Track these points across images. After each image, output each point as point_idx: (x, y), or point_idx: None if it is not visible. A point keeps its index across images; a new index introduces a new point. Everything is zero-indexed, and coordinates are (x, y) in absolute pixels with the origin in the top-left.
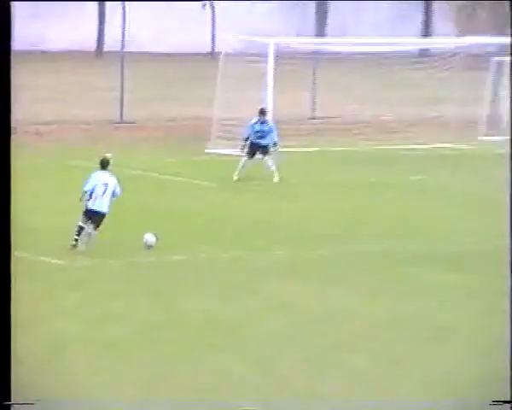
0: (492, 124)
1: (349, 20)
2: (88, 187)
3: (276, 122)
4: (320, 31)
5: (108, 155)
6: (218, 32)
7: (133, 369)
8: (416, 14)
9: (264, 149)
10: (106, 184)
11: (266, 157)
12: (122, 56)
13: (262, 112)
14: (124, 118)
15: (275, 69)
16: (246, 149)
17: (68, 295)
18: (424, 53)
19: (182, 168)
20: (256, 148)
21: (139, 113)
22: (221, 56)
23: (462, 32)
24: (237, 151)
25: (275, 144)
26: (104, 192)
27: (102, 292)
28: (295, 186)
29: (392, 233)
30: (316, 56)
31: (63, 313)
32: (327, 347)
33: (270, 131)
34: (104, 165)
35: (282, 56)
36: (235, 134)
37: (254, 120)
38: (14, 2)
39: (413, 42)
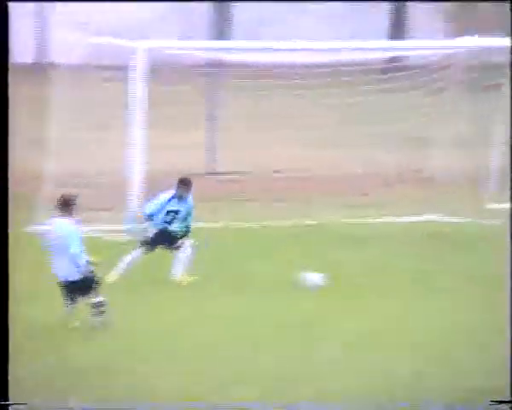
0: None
1: (264, 16)
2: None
3: (153, 180)
4: (218, 33)
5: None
6: (51, 30)
7: None
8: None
9: (172, 240)
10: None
11: (180, 252)
12: None
13: (184, 184)
14: None
15: (148, 92)
16: (142, 238)
17: None
18: (396, 64)
19: None
20: (162, 237)
21: None
22: (56, 69)
23: (458, 31)
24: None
25: (187, 230)
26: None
27: None
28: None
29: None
30: (216, 71)
31: None
32: None
33: (188, 214)
34: (66, 206)
35: (161, 70)
36: (87, 200)
37: (168, 194)
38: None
39: (382, 45)
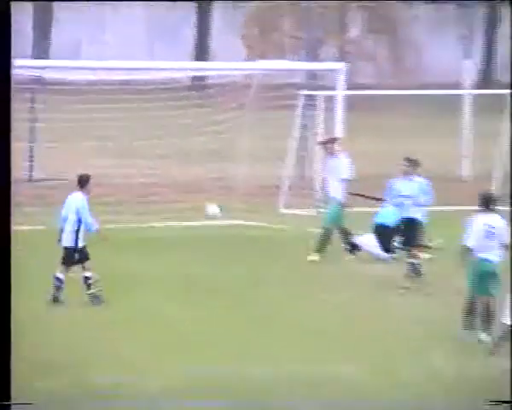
0: (297, 189)
1: (83, 37)
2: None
3: None
4: (39, 50)
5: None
6: None
7: None
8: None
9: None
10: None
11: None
12: None
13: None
14: None
15: None
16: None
17: None
18: (199, 83)
19: None
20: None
21: None
22: None
23: (254, 54)
24: None
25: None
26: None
27: None
28: None
29: None
30: (39, 88)
31: None
32: None
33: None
34: (82, 183)
35: None
36: None
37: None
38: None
39: (179, 66)
